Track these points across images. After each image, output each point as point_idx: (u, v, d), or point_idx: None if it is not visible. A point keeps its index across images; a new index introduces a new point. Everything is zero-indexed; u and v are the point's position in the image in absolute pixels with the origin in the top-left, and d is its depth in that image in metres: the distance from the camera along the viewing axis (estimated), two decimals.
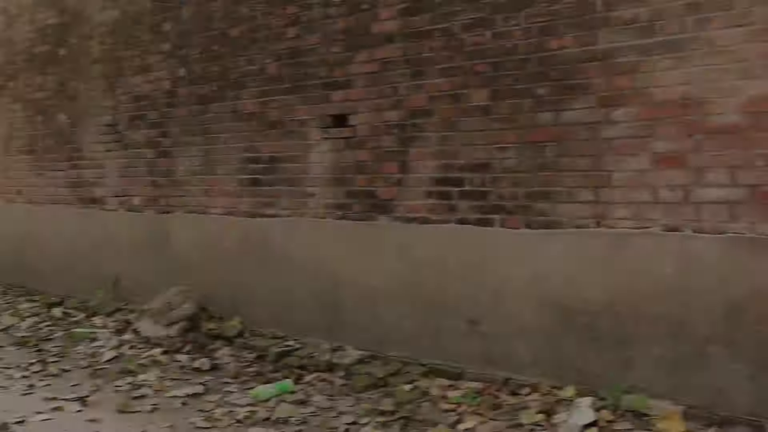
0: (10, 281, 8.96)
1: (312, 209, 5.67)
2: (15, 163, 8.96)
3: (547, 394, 4.25)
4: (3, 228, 9.13)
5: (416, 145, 5.05)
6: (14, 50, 8.95)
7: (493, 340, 4.67)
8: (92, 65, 7.77)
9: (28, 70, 8.71)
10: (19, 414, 4.47)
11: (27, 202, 8.77)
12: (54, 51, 8.31)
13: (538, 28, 4.46)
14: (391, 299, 5.18)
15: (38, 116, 8.54)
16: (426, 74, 4.99)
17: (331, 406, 4.58)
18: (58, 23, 8.26)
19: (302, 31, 5.72)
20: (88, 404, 4.70)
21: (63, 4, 8.17)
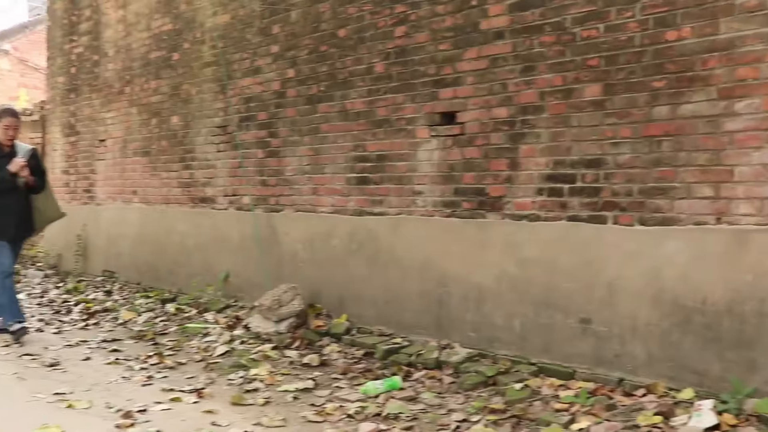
0: (127, 278, 9.32)
1: (420, 207, 5.67)
2: (131, 164, 9.31)
3: (663, 396, 4.12)
4: (120, 228, 9.49)
5: (526, 141, 4.99)
6: (131, 57, 9.30)
7: (606, 340, 4.56)
8: (204, 69, 8.00)
9: (144, 75, 9.04)
10: (140, 403, 4.63)
11: (142, 203, 9.09)
12: (168, 56, 8.59)
13: (655, 19, 4.34)
14: (500, 297, 5.13)
15: (153, 119, 8.85)
16: (536, 70, 4.93)
17: (440, 403, 4.57)
18: (171, 29, 8.54)
19: (410, 29, 5.73)
20: (203, 396, 4.83)
21: (176, 11, 8.45)
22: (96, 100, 10.10)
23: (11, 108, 6.88)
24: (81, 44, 10.50)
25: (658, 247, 4.31)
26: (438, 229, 5.54)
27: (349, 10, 6.23)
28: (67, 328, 7.12)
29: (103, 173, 9.94)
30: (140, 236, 9.13)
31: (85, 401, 4.69)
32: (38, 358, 5.85)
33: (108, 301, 8.38)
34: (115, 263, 9.63)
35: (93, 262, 10.11)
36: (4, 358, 5.88)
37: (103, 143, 9.92)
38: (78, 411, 4.54)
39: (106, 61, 9.85)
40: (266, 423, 4.29)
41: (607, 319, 4.56)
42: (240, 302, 7.33)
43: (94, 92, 10.14)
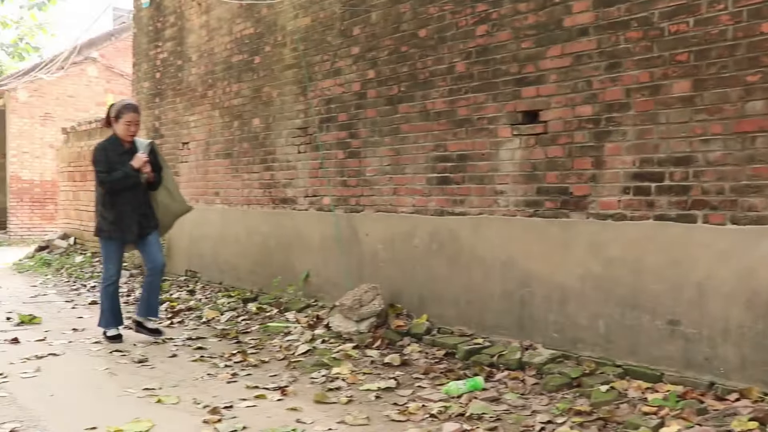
0: (209, 278, 9.50)
1: (501, 207, 5.62)
2: (213, 166, 9.49)
3: (759, 401, 3.97)
4: (203, 228, 9.69)
5: (612, 139, 4.90)
6: (214, 60, 9.49)
7: (696, 342, 4.44)
8: (285, 71, 8.10)
9: (226, 79, 9.21)
10: (226, 400, 4.70)
11: (224, 204, 9.26)
12: (249, 60, 8.73)
13: (749, 11, 4.20)
14: (584, 298, 5.04)
15: (234, 122, 9.00)
16: (622, 66, 4.83)
17: (524, 404, 4.51)
18: (253, 33, 8.68)
19: (492, 28, 5.69)
20: (287, 394, 4.87)
21: (258, 15, 8.58)
22: (179, 103, 10.34)
23: (132, 102, 6.67)
24: (165, 50, 10.77)
25: (752, 246, 4.17)
26: (520, 229, 5.48)
27: (430, 10, 6.22)
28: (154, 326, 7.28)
29: (186, 175, 10.16)
30: (222, 237, 9.30)
31: (173, 397, 4.79)
32: (127, 355, 6.01)
33: (191, 300, 8.57)
34: (198, 263, 9.84)
35: (176, 262, 10.35)
36: (96, 354, 6.06)
37: (186, 146, 10.15)
38: (167, 406, 4.63)
39: (190, 65, 10.08)
40: (350, 421, 4.30)
41: (696, 320, 4.43)
42: (320, 302, 7.39)
43: (177, 96, 10.38)
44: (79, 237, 14.08)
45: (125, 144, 6.42)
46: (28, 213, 19.50)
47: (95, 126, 13.25)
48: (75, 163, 14.19)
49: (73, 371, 5.50)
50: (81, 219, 13.96)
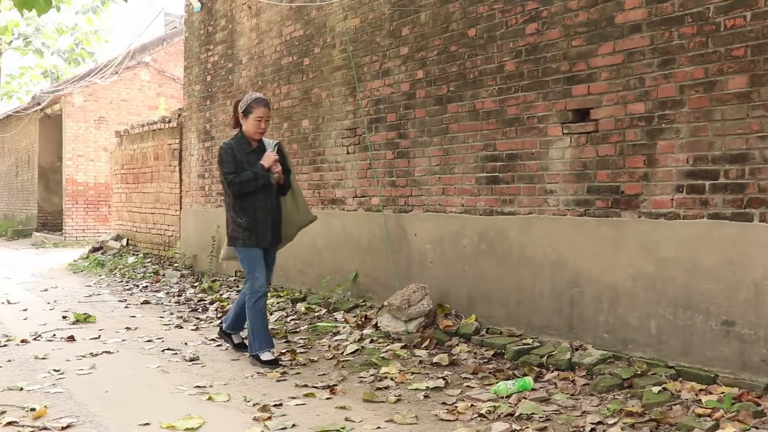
0: None
1: (551, 206, 5.57)
2: None
3: None
4: None
5: (664, 137, 4.82)
6: (264, 63, 9.57)
7: (752, 343, 4.34)
8: (334, 72, 8.14)
9: (276, 81, 9.29)
10: (276, 398, 4.74)
11: None
12: (299, 61, 8.79)
13: None
14: (636, 298, 4.97)
15: (284, 123, 9.07)
16: (676, 63, 4.76)
17: (573, 405, 4.46)
18: (302, 35, 8.74)
19: (542, 26, 5.65)
20: (336, 392, 4.89)
21: (308, 17, 8.64)
22: (230, 106, 10.42)
23: (263, 96, 5.94)
24: (216, 53, 10.89)
25: None
26: (570, 229, 5.42)
27: (480, 9, 6.20)
28: (204, 326, 7.38)
29: None
30: None
31: (224, 394, 4.84)
32: (179, 353, 6.08)
33: None
34: None
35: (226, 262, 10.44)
36: (148, 353, 6.15)
37: None
38: (217, 403, 4.68)
39: (240, 68, 10.18)
40: (398, 420, 4.29)
41: (752, 321, 4.34)
42: (369, 302, 7.40)
43: (228, 99, 10.49)
44: (131, 238, 14.32)
45: (253, 143, 5.84)
46: (83, 215, 19.89)
47: (148, 129, 13.47)
48: (128, 165, 14.44)
49: (126, 369, 5.59)
50: (134, 221, 14.20)
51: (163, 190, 12.79)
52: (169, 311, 8.24)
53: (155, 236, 13.24)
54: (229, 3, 10.54)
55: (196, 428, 4.14)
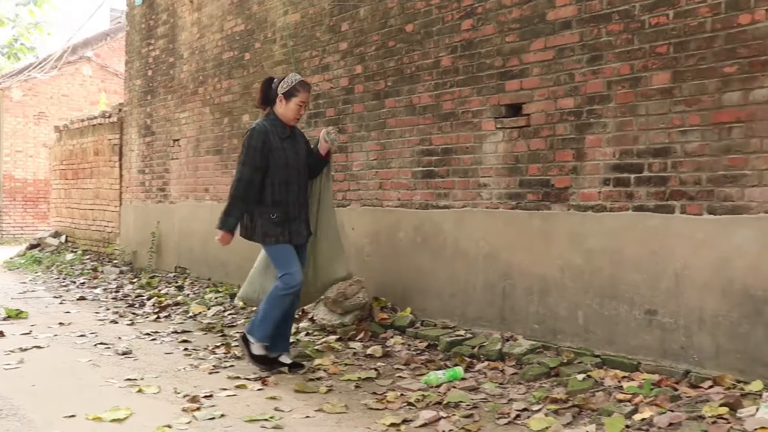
0: (198, 274, 9.52)
1: (485, 200, 5.65)
2: (203, 163, 9.51)
3: (731, 388, 4.00)
4: (192, 224, 9.71)
5: (592, 131, 4.93)
6: (205, 57, 9.52)
7: (672, 332, 4.47)
8: (274, 67, 8.13)
9: (217, 76, 9.24)
10: (207, 389, 4.71)
11: (213, 200, 9.28)
12: (240, 56, 8.77)
13: (727, 3, 4.24)
14: (564, 289, 5.07)
15: (225, 118, 9.03)
16: (604, 59, 4.87)
17: (501, 393, 4.53)
18: (243, 30, 8.72)
19: (477, 22, 5.73)
20: (268, 384, 4.88)
21: (249, 11, 8.62)
22: (171, 101, 10.36)
23: (307, 81, 5.48)
24: (158, 47, 10.80)
25: (728, 236, 4.20)
26: (502, 222, 5.51)
27: (417, 5, 6.26)
28: (140, 321, 7.31)
29: (176, 172, 10.18)
30: (211, 233, 9.24)
31: (154, 386, 4.80)
32: (111, 347, 6.01)
33: (179, 295, 8.58)
34: (187, 259, 9.85)
35: (166, 258, 10.37)
36: (80, 347, 6.05)
37: (177, 143, 10.16)
38: (147, 395, 4.64)
39: (181, 63, 10.10)
40: (328, 409, 4.31)
41: (673, 310, 4.46)
42: None
43: (169, 93, 10.41)
44: (71, 235, 14.09)
45: (287, 129, 5.26)
46: (21, 212, 19.52)
47: (87, 124, 13.27)
48: (67, 161, 14.21)
49: (56, 363, 5.50)
50: (73, 217, 13.97)
51: (103, 185, 12.62)
52: (105, 307, 8.14)
53: (95, 233, 13.05)
54: None
55: (122, 419, 4.10)
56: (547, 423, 3.87)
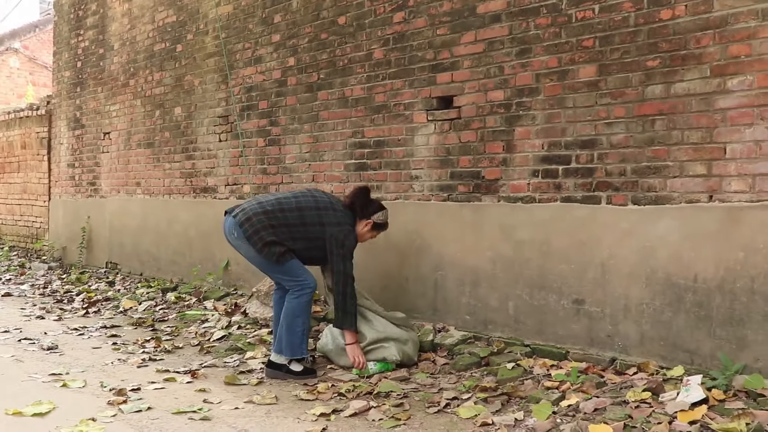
0: (129, 268, 9.36)
1: (417, 192, 5.67)
2: (135, 156, 9.35)
3: (654, 374, 4.10)
4: (124, 218, 9.53)
5: (522, 123, 4.99)
6: (136, 49, 9.35)
7: (599, 320, 4.55)
8: (206, 60, 8.04)
9: (148, 68, 9.09)
10: (134, 383, 4.65)
11: (145, 194, 9.13)
12: (172, 48, 8.64)
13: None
14: (495, 280, 5.13)
15: (156, 111, 8.89)
16: (532, 52, 4.93)
17: (432, 383, 4.57)
18: (175, 21, 8.59)
19: (408, 15, 5.75)
20: (197, 377, 4.84)
21: (180, 2, 8.50)
22: (101, 93, 10.15)
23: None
24: (87, 38, 10.56)
25: (651, 226, 4.30)
26: (434, 213, 5.54)
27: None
28: (68, 316, 7.15)
29: (107, 166, 9.98)
30: (143, 227, 9.17)
31: (79, 381, 4.72)
32: (36, 343, 5.88)
33: (110, 291, 8.43)
34: (119, 255, 9.68)
35: (97, 254, 10.16)
36: (3, 343, 5.90)
37: (108, 136, 9.96)
38: (72, 390, 4.56)
39: (112, 54, 9.91)
40: (258, 401, 4.30)
41: (600, 299, 4.55)
42: (240, 290, 7.35)
43: (99, 86, 10.19)
44: None
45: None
46: None
47: (14, 117, 12.91)
48: None
49: None
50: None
51: (31, 180, 12.29)
52: (32, 303, 7.94)
53: (22, 228, 12.72)
54: None
55: (45, 413, 4.02)
56: (476, 411, 3.92)
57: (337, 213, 5.04)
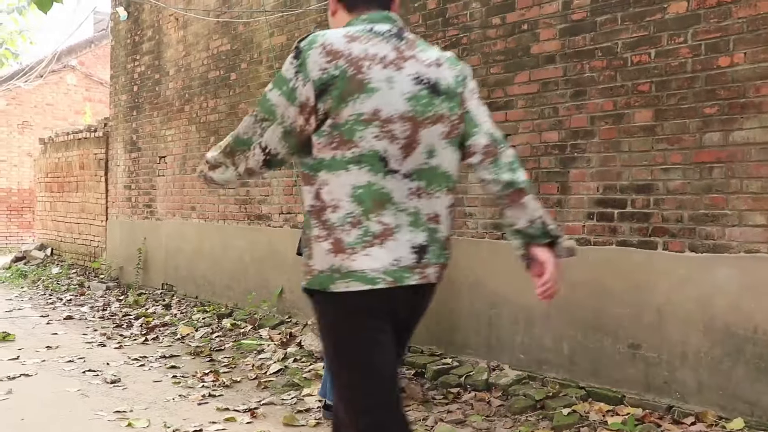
0: (185, 291, 9.54)
1: (471, 229, 5.71)
2: (190, 181, 9.53)
3: (713, 425, 4.09)
4: (179, 241, 9.73)
5: (576, 165, 5.00)
6: (191, 75, 9.54)
7: (655, 366, 4.55)
8: (260, 88, 8.16)
9: (203, 94, 9.26)
10: (196, 423, 4.74)
11: (200, 218, 9.30)
12: (226, 76, 8.79)
13: (707, 45, 4.32)
14: (549, 320, 5.14)
15: (211, 137, 9.05)
16: (587, 94, 4.94)
17: (488, 427, 4.59)
18: (229, 50, 8.74)
19: (462, 52, 5.79)
20: (256, 416, 4.91)
21: (234, 32, 8.65)
22: (157, 117, 10.37)
23: None
24: (143, 63, 10.80)
25: (709, 274, 4.28)
26: (488, 251, 5.57)
27: None
28: (128, 343, 7.32)
29: (163, 189, 10.19)
30: (198, 251, 9.34)
31: (143, 420, 4.83)
32: (100, 375, 6.03)
33: (167, 315, 8.60)
34: (174, 277, 9.87)
35: (152, 275, 10.38)
36: (68, 374, 6.06)
37: (164, 159, 10.18)
38: (137, 430, 4.67)
39: (167, 80, 10.12)
40: None
41: (656, 345, 4.54)
42: (294, 318, 7.45)
43: (155, 110, 10.42)
44: (56, 248, 14.06)
45: None
46: (5, 221, 19.44)
47: (73, 138, 13.25)
48: (53, 173, 14.17)
49: (45, 393, 5.51)
50: (58, 230, 13.94)
51: (89, 200, 12.60)
52: (93, 327, 8.14)
53: (80, 246, 13.03)
54: (156, 14, 10.47)
55: None
56: None
57: None
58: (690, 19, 4.41)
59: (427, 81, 2.37)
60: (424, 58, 2.40)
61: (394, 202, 2.32)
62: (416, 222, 2.36)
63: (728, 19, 4.24)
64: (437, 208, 2.42)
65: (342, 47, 2.27)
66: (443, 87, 2.40)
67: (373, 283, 2.27)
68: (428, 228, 2.39)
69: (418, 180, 2.36)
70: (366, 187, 2.28)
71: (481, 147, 2.47)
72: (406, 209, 2.34)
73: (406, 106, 2.31)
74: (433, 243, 2.41)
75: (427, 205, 2.39)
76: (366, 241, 2.28)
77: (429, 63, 2.40)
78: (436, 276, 2.47)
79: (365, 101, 2.26)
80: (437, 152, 2.39)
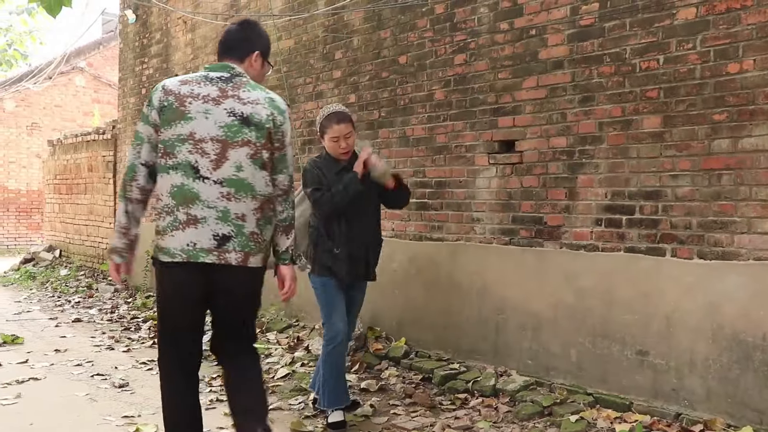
0: None
1: (478, 234, 5.71)
2: None
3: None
4: None
5: (585, 171, 4.99)
6: None
7: (663, 373, 4.53)
8: None
9: None
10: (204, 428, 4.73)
11: None
12: None
13: (716, 51, 4.31)
14: (557, 326, 5.13)
15: None
16: (595, 100, 4.93)
17: None
18: None
19: (470, 57, 5.79)
20: None
21: None
22: None
23: (337, 110, 4.89)
24: (151, 66, 10.83)
25: (718, 281, 4.27)
26: (496, 256, 5.57)
27: (410, 38, 6.31)
28: (136, 347, 7.33)
29: None
30: None
31: (151, 425, 4.83)
32: (108, 379, 6.04)
33: None
34: None
35: None
36: (77, 378, 6.08)
37: None
38: None
39: None
40: None
41: (664, 352, 4.53)
42: (302, 322, 7.45)
43: None
44: (65, 249, 14.09)
45: (341, 162, 4.81)
46: (14, 223, 19.51)
47: (81, 140, 13.29)
48: (61, 175, 14.21)
49: (53, 397, 5.52)
50: (67, 232, 13.98)
51: (97, 202, 12.63)
52: (101, 330, 8.17)
53: (89, 248, 13.07)
54: (164, 17, 10.49)
55: None
56: None
57: None
58: (699, 25, 4.40)
59: (240, 114, 3.36)
60: (244, 97, 3.41)
61: (202, 200, 3.32)
62: (224, 218, 3.35)
63: (737, 26, 4.23)
64: (244, 209, 3.39)
65: (174, 88, 3.40)
66: (255, 120, 3.38)
67: (173, 256, 3.37)
68: (235, 224, 3.37)
69: (228, 187, 3.35)
70: (179, 187, 3.34)
71: (282, 185, 3.54)
72: (215, 207, 3.33)
73: (218, 131, 3.34)
74: (238, 235, 3.38)
75: (235, 206, 3.37)
76: (174, 226, 3.36)
77: (246, 101, 3.40)
78: (239, 260, 3.40)
79: (184, 126, 3.34)
80: (244, 168, 3.38)
